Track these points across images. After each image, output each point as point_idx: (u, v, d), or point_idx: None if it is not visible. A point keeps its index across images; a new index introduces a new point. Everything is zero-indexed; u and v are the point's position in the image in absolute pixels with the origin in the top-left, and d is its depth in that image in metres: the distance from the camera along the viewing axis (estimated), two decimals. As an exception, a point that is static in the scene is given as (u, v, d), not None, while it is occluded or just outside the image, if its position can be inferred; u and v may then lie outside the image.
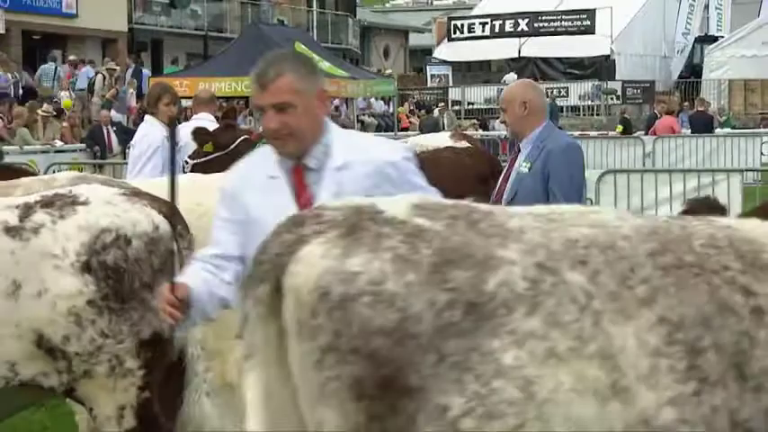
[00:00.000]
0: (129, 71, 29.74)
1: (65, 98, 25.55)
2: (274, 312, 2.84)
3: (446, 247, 2.77)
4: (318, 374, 2.72)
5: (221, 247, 3.65)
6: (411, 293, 2.69)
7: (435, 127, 25.87)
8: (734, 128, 30.18)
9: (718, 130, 27.41)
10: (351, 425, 2.70)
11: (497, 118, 31.37)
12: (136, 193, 4.51)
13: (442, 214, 2.86)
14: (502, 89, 37.70)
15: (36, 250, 4.18)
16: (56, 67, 28.54)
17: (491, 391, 2.68)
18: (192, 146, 9.06)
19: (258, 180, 3.66)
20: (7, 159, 18.57)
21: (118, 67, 28.66)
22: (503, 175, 5.92)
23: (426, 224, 2.82)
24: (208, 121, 9.87)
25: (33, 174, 8.43)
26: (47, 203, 4.30)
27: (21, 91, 25.71)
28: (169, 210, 4.49)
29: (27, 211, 4.26)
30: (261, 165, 3.70)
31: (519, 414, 2.69)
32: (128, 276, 4.23)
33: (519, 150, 5.82)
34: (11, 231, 4.20)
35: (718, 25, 43.80)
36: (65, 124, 23.06)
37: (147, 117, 9.09)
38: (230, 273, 3.59)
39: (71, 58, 29.62)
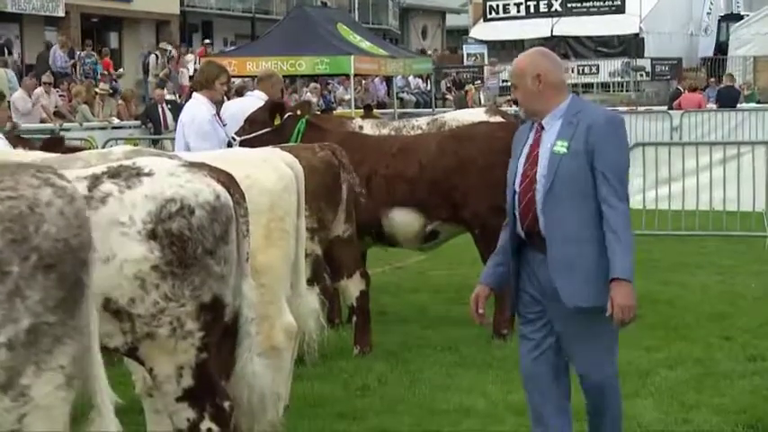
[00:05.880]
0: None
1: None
2: None
3: None
4: None
5: None
6: None
7: (465, 102, 25.97)
8: (758, 102, 29.81)
9: (743, 105, 27.13)
10: None
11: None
12: (196, 164, 4.53)
13: None
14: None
15: (104, 218, 4.21)
16: (170, 51, 28.83)
17: None
18: (237, 122, 9.05)
19: None
20: (69, 135, 18.75)
21: (170, 47, 28.78)
22: (524, 156, 4.84)
23: None
24: (258, 99, 9.83)
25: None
26: (114, 174, 4.34)
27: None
28: (228, 179, 4.52)
29: (95, 181, 4.30)
30: None
31: None
32: (191, 244, 4.26)
33: (542, 128, 4.82)
34: None
35: (736, 4, 43.35)
36: (120, 102, 23.21)
37: (194, 94, 9.05)
38: None
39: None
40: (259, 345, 4.77)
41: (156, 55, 27.64)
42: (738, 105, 26.34)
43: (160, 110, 21.64)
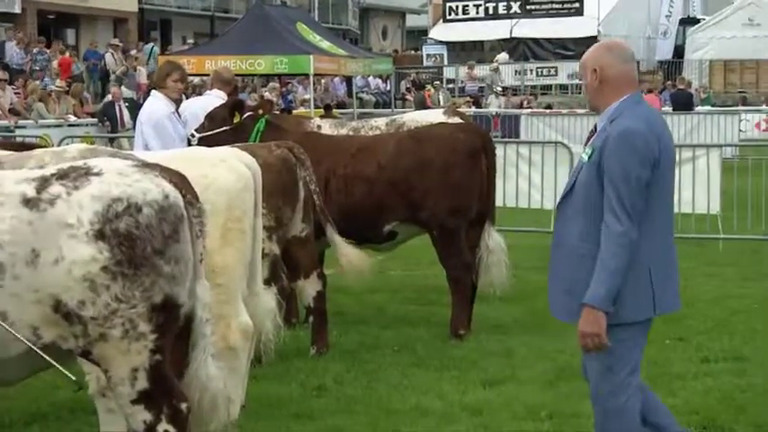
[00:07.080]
0: (143, 48, 29.69)
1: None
2: None
3: None
4: None
5: None
6: None
7: (423, 102, 26.14)
8: (713, 106, 30.14)
9: (698, 108, 27.42)
10: None
11: (490, 95, 31.49)
12: (148, 165, 4.50)
13: None
14: (496, 68, 37.26)
15: (52, 220, 4.19)
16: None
17: None
18: (198, 120, 9.02)
19: None
20: (24, 132, 18.56)
21: (121, 44, 28.62)
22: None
23: None
24: (217, 97, 9.80)
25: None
26: (62, 175, 4.31)
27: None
28: (180, 179, 4.49)
29: (44, 183, 4.27)
30: None
31: None
32: (139, 243, 4.22)
33: (595, 130, 4.61)
34: (29, 203, 4.22)
35: (692, 7, 43.83)
36: (73, 102, 22.99)
37: (153, 92, 9.04)
38: None
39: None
40: (215, 345, 4.74)
41: (111, 53, 27.44)
42: (697, 108, 26.64)
43: (117, 108, 21.49)
